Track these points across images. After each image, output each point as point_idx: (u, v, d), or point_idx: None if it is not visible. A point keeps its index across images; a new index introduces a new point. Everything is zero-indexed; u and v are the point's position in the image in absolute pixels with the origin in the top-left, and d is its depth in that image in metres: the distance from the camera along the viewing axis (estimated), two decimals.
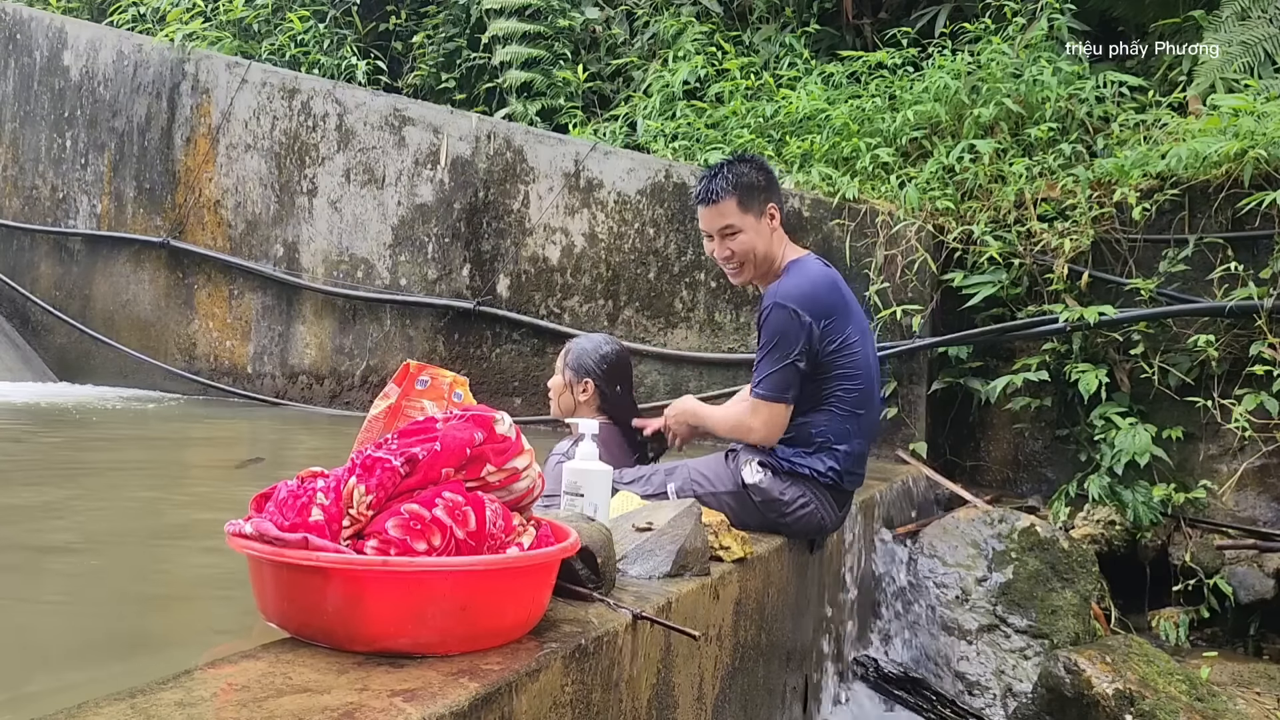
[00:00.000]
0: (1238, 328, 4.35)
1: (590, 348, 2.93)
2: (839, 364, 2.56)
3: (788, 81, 6.14)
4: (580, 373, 2.90)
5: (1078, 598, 3.65)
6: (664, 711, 1.83)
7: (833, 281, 2.63)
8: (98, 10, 8.59)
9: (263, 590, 1.39)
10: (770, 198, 2.65)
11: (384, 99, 6.53)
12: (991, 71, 5.34)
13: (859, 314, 2.67)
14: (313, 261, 6.61)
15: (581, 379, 2.90)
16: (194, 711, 1.09)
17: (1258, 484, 4.40)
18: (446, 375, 1.81)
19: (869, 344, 2.68)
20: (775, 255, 2.66)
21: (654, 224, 5.60)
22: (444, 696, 1.18)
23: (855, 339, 2.59)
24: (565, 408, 2.95)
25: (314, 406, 6.50)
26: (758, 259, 2.64)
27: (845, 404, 2.57)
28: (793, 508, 2.58)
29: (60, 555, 2.25)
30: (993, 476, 5.02)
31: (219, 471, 4.07)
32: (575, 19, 7.05)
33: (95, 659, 1.53)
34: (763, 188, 2.64)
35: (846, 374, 2.57)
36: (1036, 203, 4.81)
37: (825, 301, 2.55)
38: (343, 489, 1.39)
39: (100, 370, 7.27)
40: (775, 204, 2.65)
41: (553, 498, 2.63)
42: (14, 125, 7.90)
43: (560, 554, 1.49)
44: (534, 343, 5.87)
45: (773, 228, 2.64)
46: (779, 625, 2.57)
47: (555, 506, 2.53)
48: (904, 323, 4.82)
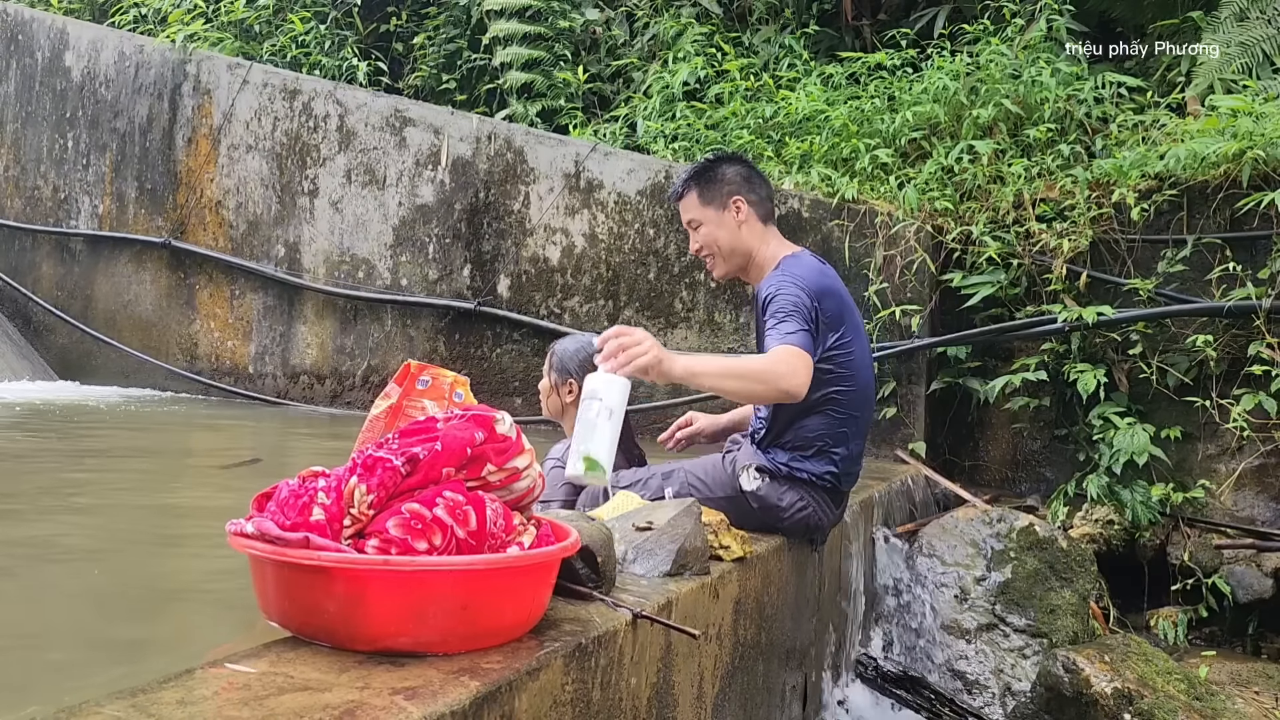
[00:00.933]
0: (1236, 328, 4.35)
1: (574, 349, 2.89)
2: (836, 365, 2.53)
3: (787, 82, 6.14)
4: (564, 374, 2.87)
5: (1076, 597, 3.66)
6: (664, 710, 1.84)
7: (832, 280, 2.63)
8: (99, 11, 8.60)
9: (264, 589, 1.40)
10: (736, 191, 2.63)
11: (385, 100, 6.53)
12: (990, 72, 5.35)
13: (854, 313, 2.65)
14: (314, 262, 6.62)
15: (566, 380, 2.86)
16: (195, 710, 1.09)
17: (1256, 483, 4.41)
18: (447, 375, 1.82)
19: (864, 346, 2.67)
20: (748, 249, 2.64)
21: (654, 224, 5.61)
22: (445, 695, 1.18)
23: (850, 338, 2.57)
24: (553, 410, 2.94)
25: (315, 406, 6.51)
26: (723, 251, 2.65)
27: (842, 407, 2.56)
28: (790, 512, 2.58)
29: (60, 554, 2.26)
30: (991, 476, 5.03)
31: (219, 471, 4.08)
32: (575, 20, 7.06)
33: (96, 658, 1.54)
34: (726, 181, 2.64)
35: (842, 375, 2.54)
36: (1035, 203, 4.82)
37: (825, 289, 2.53)
38: (344, 488, 1.40)
39: (102, 370, 7.28)
40: (742, 198, 2.63)
41: (547, 503, 2.64)
42: (16, 126, 7.91)
43: (560, 553, 1.50)
44: (534, 343, 5.88)
45: (739, 221, 2.63)
46: (778, 624, 2.58)
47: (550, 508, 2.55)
48: (903, 323, 4.83)
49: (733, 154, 2.79)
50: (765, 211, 2.69)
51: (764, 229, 2.68)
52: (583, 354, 2.86)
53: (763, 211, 2.68)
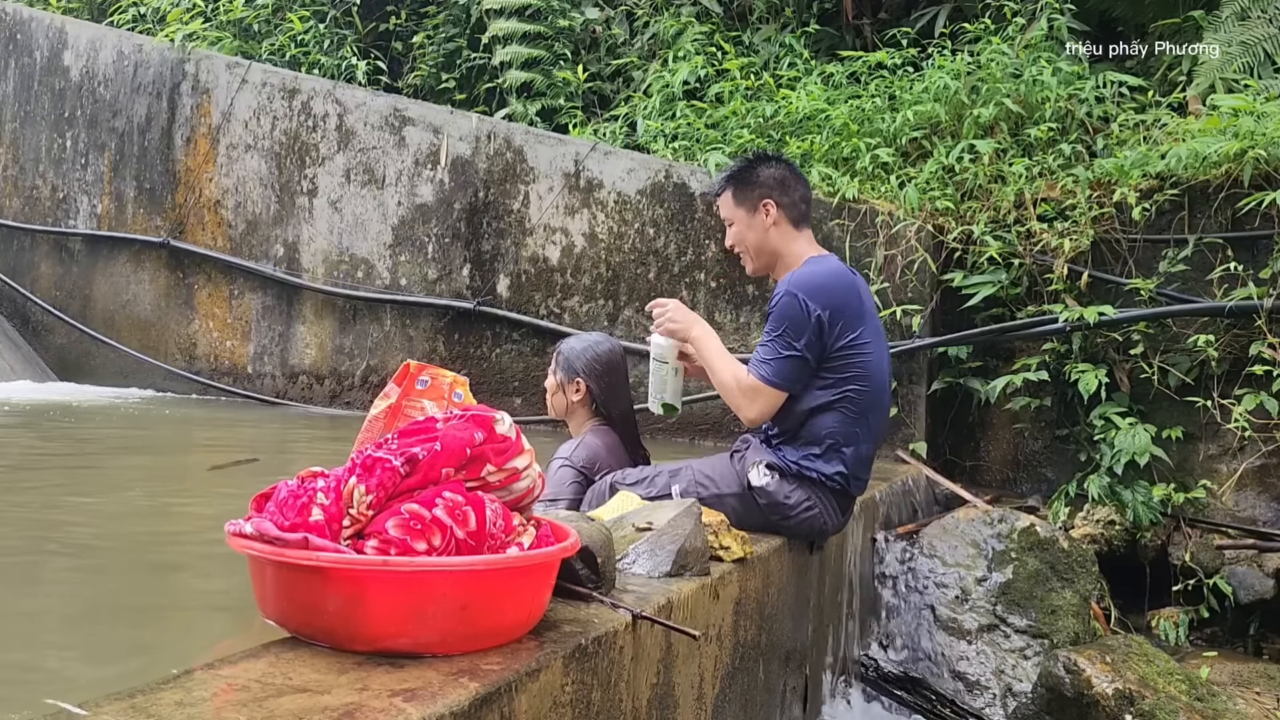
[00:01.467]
0: (1237, 328, 4.35)
1: (581, 348, 2.90)
2: (852, 364, 2.55)
3: (788, 82, 6.14)
4: (571, 373, 2.88)
5: (1077, 597, 3.65)
6: (664, 711, 1.83)
7: (849, 281, 2.64)
8: (98, 10, 8.59)
9: (263, 590, 1.40)
10: (767, 194, 2.68)
11: (384, 99, 6.53)
12: (991, 72, 5.34)
13: (874, 319, 2.67)
14: (313, 261, 6.61)
15: (573, 379, 2.87)
16: (194, 711, 1.09)
17: (1257, 484, 4.40)
18: (446, 375, 1.81)
19: (882, 349, 2.68)
20: (776, 249, 2.69)
21: (654, 224, 5.60)
22: (444, 696, 1.18)
23: (869, 341, 2.58)
24: (559, 408, 2.94)
25: (314, 406, 6.50)
26: (752, 250, 2.72)
27: (856, 407, 2.57)
28: (797, 510, 2.58)
29: (60, 554, 2.25)
30: (992, 476, 5.02)
31: (218, 471, 4.07)
32: (575, 19, 7.05)
33: (95, 658, 1.53)
34: (760, 184, 2.69)
35: (858, 375, 2.56)
36: (1036, 203, 4.81)
37: (838, 296, 2.55)
38: (343, 489, 1.39)
39: (100, 370, 7.27)
40: (773, 201, 2.67)
41: (555, 501, 2.64)
42: (14, 125, 7.90)
43: (560, 554, 1.49)
44: (534, 343, 5.87)
45: (768, 223, 2.67)
46: (779, 625, 2.57)
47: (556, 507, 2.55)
48: (904, 323, 4.82)
49: (774, 154, 2.83)
50: (798, 214, 2.72)
51: (795, 232, 2.71)
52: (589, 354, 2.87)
53: (795, 214, 2.71)
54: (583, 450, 2.80)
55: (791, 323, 2.50)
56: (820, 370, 2.55)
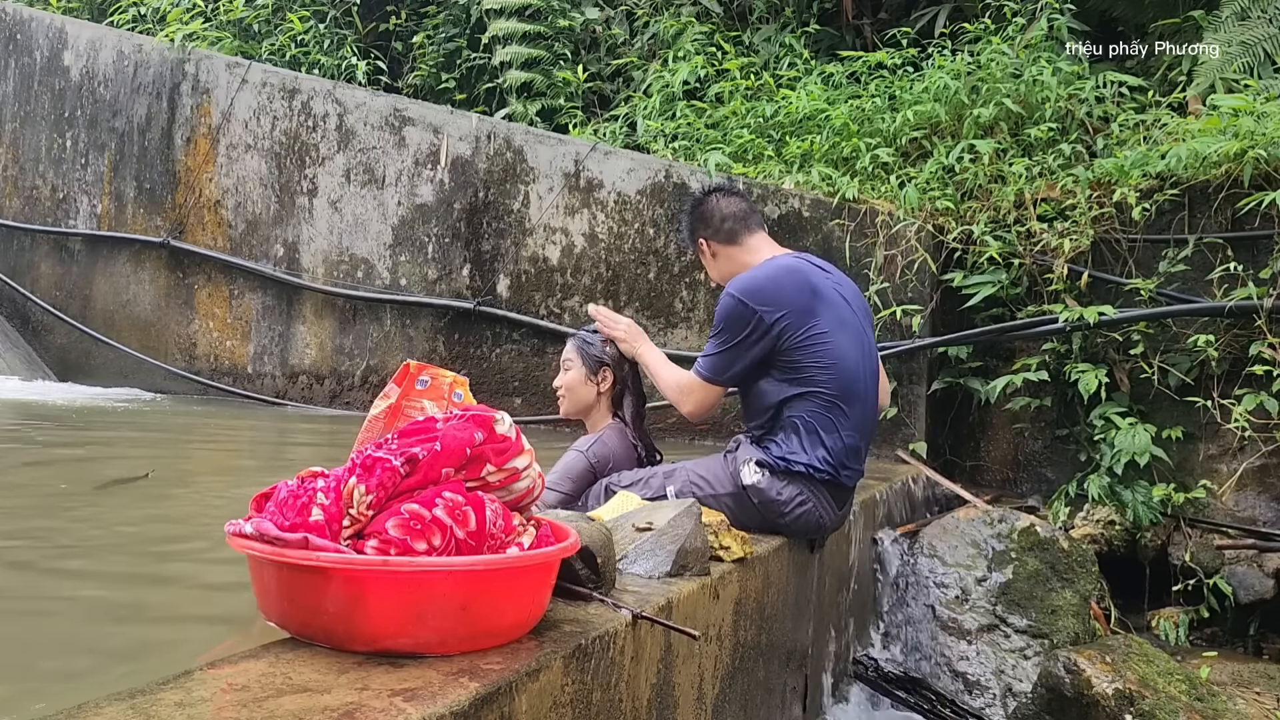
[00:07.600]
0: (1237, 328, 4.35)
1: (600, 340, 2.92)
2: (811, 355, 2.57)
3: (788, 82, 6.14)
4: (598, 363, 2.89)
5: (1077, 597, 3.65)
6: (664, 711, 1.83)
7: (798, 279, 2.64)
8: (98, 10, 8.60)
9: (263, 590, 1.39)
10: (699, 235, 2.86)
11: (384, 99, 6.53)
12: (991, 72, 5.35)
13: (838, 308, 2.65)
14: (313, 261, 6.61)
15: (600, 369, 2.88)
16: (194, 711, 1.09)
17: (1257, 484, 4.40)
18: (446, 375, 1.81)
19: (849, 338, 2.65)
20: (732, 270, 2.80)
21: (654, 224, 5.60)
22: (444, 696, 1.18)
23: (826, 330, 2.59)
24: (583, 402, 2.91)
25: (314, 406, 6.50)
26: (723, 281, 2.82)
27: (826, 395, 2.58)
28: (790, 507, 2.58)
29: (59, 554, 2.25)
30: (992, 476, 5.03)
31: (218, 471, 4.07)
32: (575, 19, 7.05)
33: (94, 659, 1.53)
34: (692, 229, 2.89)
35: (823, 365, 2.58)
36: (1036, 203, 4.81)
37: (778, 294, 2.58)
38: (343, 489, 1.39)
39: (100, 370, 7.27)
40: (703, 239, 2.85)
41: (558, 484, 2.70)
42: (14, 125, 7.90)
43: (560, 554, 1.49)
44: (534, 343, 5.87)
45: (711, 257, 2.86)
46: (779, 625, 2.57)
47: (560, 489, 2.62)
48: (904, 323, 4.82)
49: (694, 195, 2.97)
50: (726, 233, 2.83)
51: (735, 248, 2.83)
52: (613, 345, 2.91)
53: (723, 236, 2.83)
54: (599, 447, 2.81)
55: (728, 322, 2.61)
56: (779, 365, 2.59)
